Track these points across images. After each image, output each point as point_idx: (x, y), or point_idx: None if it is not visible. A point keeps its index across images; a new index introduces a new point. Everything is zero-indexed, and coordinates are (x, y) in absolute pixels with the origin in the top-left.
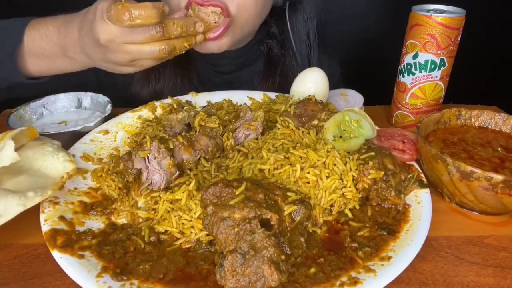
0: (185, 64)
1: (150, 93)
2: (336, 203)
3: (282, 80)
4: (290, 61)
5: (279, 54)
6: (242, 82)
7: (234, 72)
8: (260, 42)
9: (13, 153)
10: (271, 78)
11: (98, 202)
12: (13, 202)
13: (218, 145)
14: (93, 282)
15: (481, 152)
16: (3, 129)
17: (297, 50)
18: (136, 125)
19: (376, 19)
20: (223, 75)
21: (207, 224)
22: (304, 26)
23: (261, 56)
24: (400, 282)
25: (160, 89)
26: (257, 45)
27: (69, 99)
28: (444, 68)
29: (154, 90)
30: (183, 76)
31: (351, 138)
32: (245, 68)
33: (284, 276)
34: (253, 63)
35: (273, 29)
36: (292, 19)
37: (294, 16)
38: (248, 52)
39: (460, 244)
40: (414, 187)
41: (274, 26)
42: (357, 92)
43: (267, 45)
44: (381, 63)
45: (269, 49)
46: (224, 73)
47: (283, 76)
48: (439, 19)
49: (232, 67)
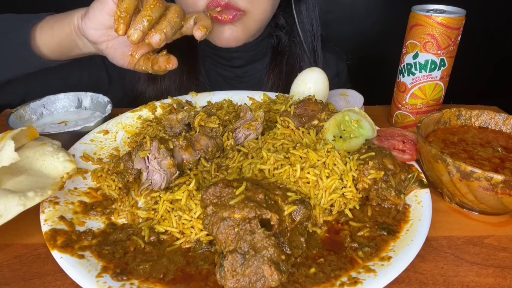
0: (192, 61)
1: (156, 91)
2: (336, 203)
3: (288, 69)
4: (296, 50)
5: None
6: (253, 75)
7: (245, 66)
8: (270, 35)
9: (13, 153)
10: (277, 67)
11: (98, 202)
12: (13, 202)
13: (218, 145)
14: (93, 282)
15: (481, 152)
16: (3, 129)
17: (304, 39)
18: (136, 125)
19: (376, 19)
20: (234, 68)
21: (207, 224)
22: (307, 16)
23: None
24: (400, 282)
25: (166, 87)
26: (266, 38)
27: (69, 99)
28: (444, 68)
29: (160, 89)
30: (189, 73)
31: (351, 138)
32: (256, 61)
33: (284, 276)
34: (263, 56)
35: (281, 21)
36: (297, 9)
37: (298, 6)
38: (258, 46)
39: (460, 244)
40: (414, 187)
41: (282, 18)
42: (357, 92)
43: (277, 37)
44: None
45: (278, 41)
46: (235, 66)
47: (289, 65)
48: (439, 19)
49: (243, 61)
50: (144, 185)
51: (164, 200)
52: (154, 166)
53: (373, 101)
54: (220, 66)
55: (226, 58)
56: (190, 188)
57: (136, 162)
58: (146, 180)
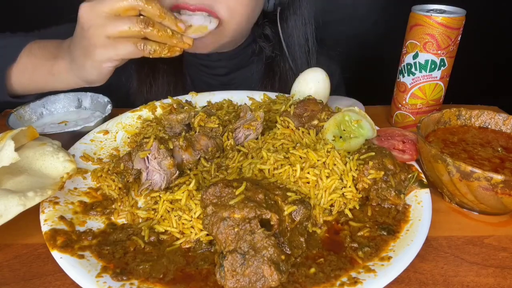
0: (178, 72)
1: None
2: (336, 203)
3: (281, 86)
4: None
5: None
6: (238, 83)
7: (230, 73)
8: (254, 42)
9: (13, 153)
10: (269, 83)
11: (98, 202)
12: (13, 202)
13: (218, 145)
14: (93, 282)
15: (481, 152)
16: (3, 129)
17: (290, 55)
18: (136, 125)
19: (376, 19)
20: (219, 77)
21: (207, 224)
22: (303, 31)
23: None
24: (400, 282)
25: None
26: (250, 45)
27: (69, 99)
28: (444, 68)
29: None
30: (176, 83)
31: (351, 138)
32: (241, 69)
33: (284, 276)
34: (248, 64)
35: (267, 31)
36: (283, 25)
37: (286, 21)
38: (242, 53)
39: (460, 244)
40: (414, 187)
41: (268, 28)
42: (357, 101)
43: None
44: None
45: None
46: (219, 75)
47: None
48: (439, 19)
49: (226, 69)
50: (144, 185)
51: (164, 200)
52: (154, 166)
53: (373, 101)
54: (204, 75)
55: (209, 67)
56: (190, 188)
57: (136, 162)
58: (146, 180)
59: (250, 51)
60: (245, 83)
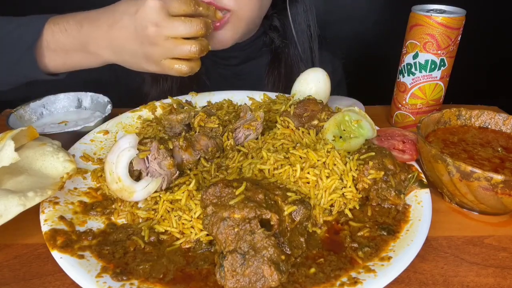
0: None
1: (158, 92)
2: (336, 203)
3: (287, 71)
4: (293, 51)
5: (282, 46)
6: (249, 73)
7: (241, 64)
8: (264, 34)
9: (13, 153)
10: (276, 69)
11: (98, 202)
12: (13, 202)
13: (218, 145)
14: (93, 282)
15: (481, 152)
16: (3, 129)
17: (299, 41)
18: (136, 125)
19: (376, 19)
20: (232, 67)
21: (207, 224)
22: (304, 17)
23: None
24: (400, 282)
25: (168, 88)
26: (261, 37)
27: (69, 99)
28: (444, 68)
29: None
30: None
31: (351, 138)
32: (251, 60)
33: (284, 276)
34: (259, 55)
35: (275, 23)
36: (293, 11)
37: (294, 8)
38: (252, 45)
39: (460, 244)
40: (414, 187)
41: (276, 20)
42: (357, 101)
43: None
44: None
45: (272, 41)
46: (232, 65)
47: (288, 67)
48: (439, 19)
49: (238, 59)
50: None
51: (164, 200)
52: (154, 166)
53: (373, 101)
54: (218, 65)
55: (222, 58)
56: (190, 188)
57: (136, 163)
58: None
59: (261, 43)
60: (255, 71)
